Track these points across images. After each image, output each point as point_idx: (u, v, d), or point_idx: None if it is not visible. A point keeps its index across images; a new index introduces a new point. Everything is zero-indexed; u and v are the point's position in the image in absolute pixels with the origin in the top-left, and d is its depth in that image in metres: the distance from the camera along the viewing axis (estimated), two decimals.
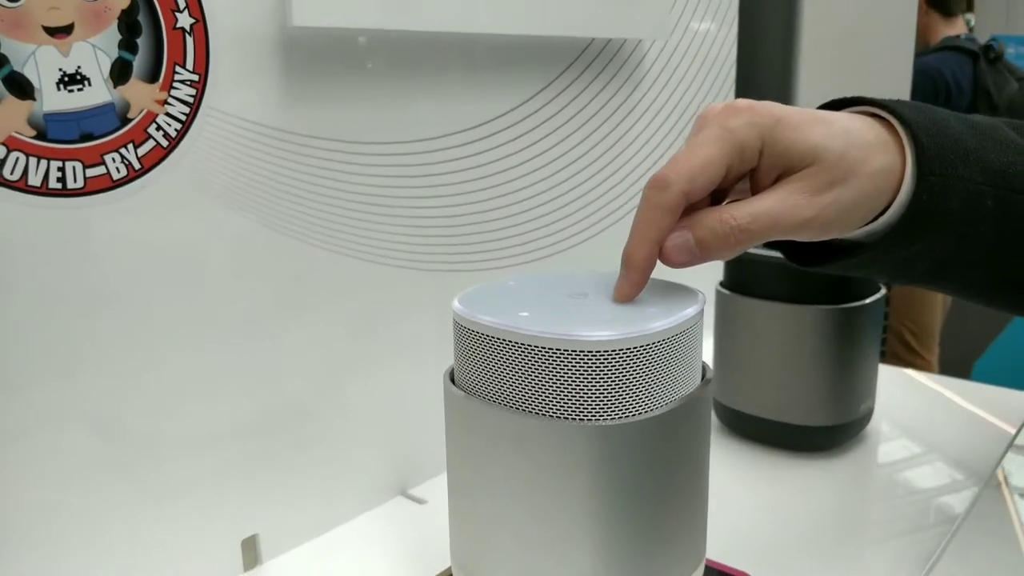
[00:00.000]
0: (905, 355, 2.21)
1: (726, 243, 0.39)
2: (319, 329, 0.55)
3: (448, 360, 0.43)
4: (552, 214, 0.70)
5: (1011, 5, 5.41)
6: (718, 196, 0.43)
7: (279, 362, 0.54)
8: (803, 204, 0.40)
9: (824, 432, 0.67)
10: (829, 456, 0.68)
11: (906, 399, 0.80)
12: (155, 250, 0.46)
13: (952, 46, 2.28)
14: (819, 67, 1.10)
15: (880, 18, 1.30)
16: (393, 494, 0.62)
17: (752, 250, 0.67)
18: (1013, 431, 0.71)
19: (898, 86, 1.40)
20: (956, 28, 2.35)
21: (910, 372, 0.88)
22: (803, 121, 0.40)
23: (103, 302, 0.45)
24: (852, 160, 0.40)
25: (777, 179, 0.41)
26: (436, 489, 0.63)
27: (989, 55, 2.22)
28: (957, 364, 2.36)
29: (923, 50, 2.27)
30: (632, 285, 0.40)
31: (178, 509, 0.49)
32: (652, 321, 0.37)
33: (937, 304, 2.37)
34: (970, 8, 2.53)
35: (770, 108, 0.41)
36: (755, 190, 0.42)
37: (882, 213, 0.42)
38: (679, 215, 0.40)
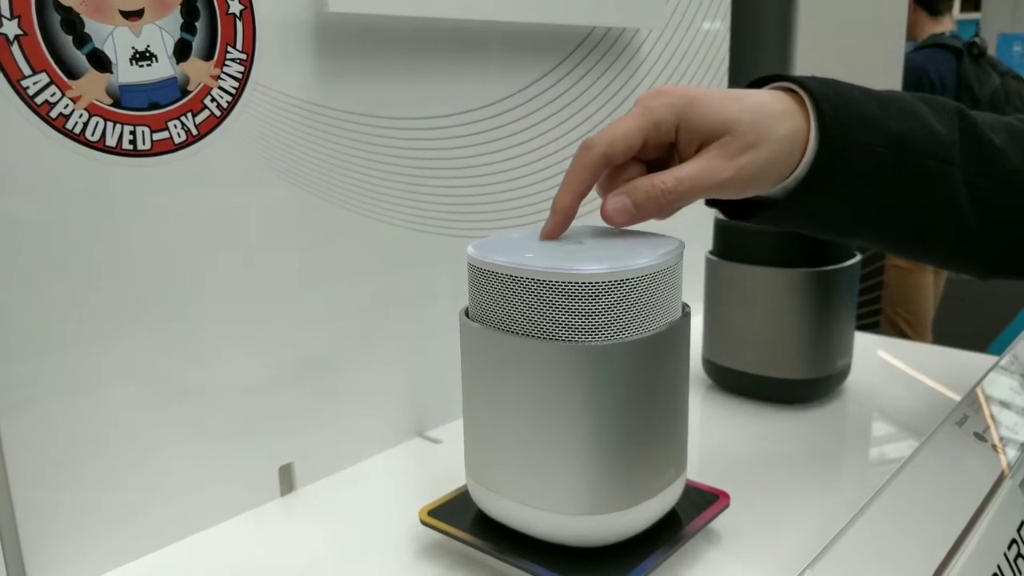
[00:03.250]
0: None
1: (657, 203, 0.47)
2: (346, 287, 0.62)
3: (456, 315, 0.50)
4: (553, 190, 0.76)
5: (1017, 3, 5.44)
6: (656, 169, 0.50)
7: (309, 318, 0.60)
8: (721, 167, 0.47)
9: (804, 385, 0.73)
10: (809, 407, 0.74)
11: (885, 359, 0.87)
12: (205, 209, 0.53)
13: (937, 43, 2.36)
14: (811, 59, 1.16)
15: (871, 13, 1.36)
16: (411, 435, 0.69)
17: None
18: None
19: (889, 80, 1.46)
20: (942, 26, 2.44)
21: (890, 339, 0.94)
22: (716, 99, 0.48)
23: (157, 257, 0.51)
24: (762, 127, 0.47)
25: (698, 149, 0.49)
26: (449, 432, 0.70)
27: (973, 51, 2.30)
28: None
29: (911, 48, 2.36)
30: (555, 226, 0.49)
31: (224, 444, 0.56)
32: (638, 259, 0.44)
33: (929, 294, 2.45)
34: (977, 7, 2.61)
35: (687, 91, 0.49)
36: (680, 161, 0.50)
37: (794, 172, 0.49)
38: (599, 172, 0.48)
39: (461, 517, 0.52)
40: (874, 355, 0.88)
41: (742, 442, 0.68)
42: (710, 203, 0.55)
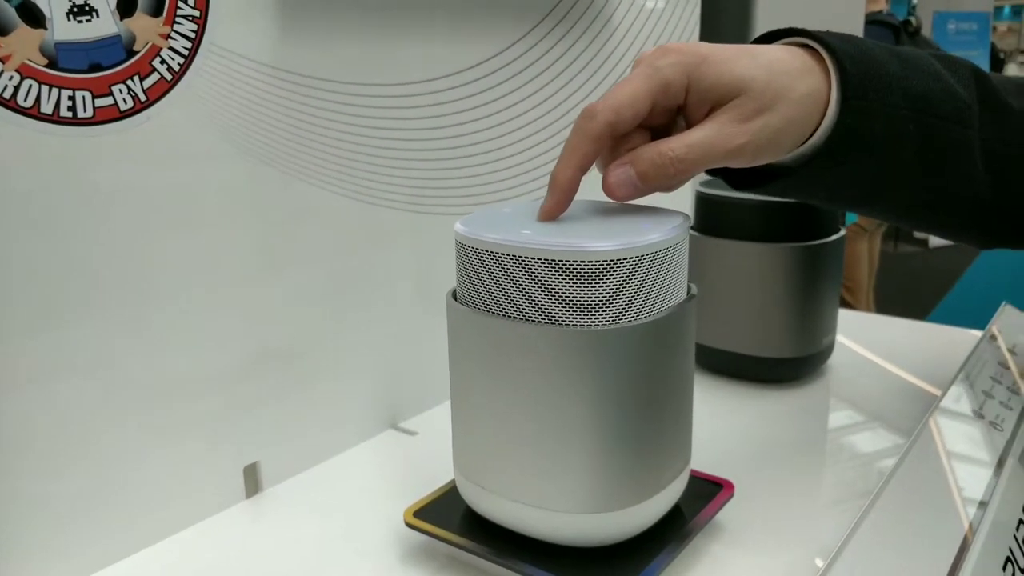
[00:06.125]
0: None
1: (665, 173, 0.42)
2: (309, 269, 0.57)
3: (430, 297, 0.45)
4: (533, 161, 0.72)
5: None
6: (660, 136, 0.45)
7: (271, 303, 0.55)
8: (735, 132, 0.43)
9: (790, 364, 0.71)
10: (795, 387, 0.72)
11: (865, 335, 0.85)
12: (156, 186, 0.47)
13: (876, 20, 2.46)
14: (776, 18, 1.14)
15: None
16: (384, 427, 0.65)
17: (718, 191, 0.71)
18: (959, 364, 0.76)
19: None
20: (878, 4, 2.56)
21: (864, 313, 0.92)
22: (728, 56, 0.43)
23: (102, 239, 0.46)
24: (778, 87, 0.43)
25: (709, 113, 0.44)
26: (425, 422, 0.66)
27: (908, 29, 2.40)
28: None
29: None
30: (556, 204, 0.43)
31: (181, 444, 0.51)
32: (646, 234, 0.40)
33: (865, 261, 2.60)
34: None
35: (696, 47, 0.44)
36: (689, 125, 0.45)
37: (811, 137, 0.45)
38: (604, 143, 0.43)
39: (449, 517, 0.48)
40: (849, 330, 0.87)
41: (732, 425, 0.65)
42: (712, 171, 0.51)
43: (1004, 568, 0.46)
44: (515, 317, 0.41)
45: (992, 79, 0.50)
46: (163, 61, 0.46)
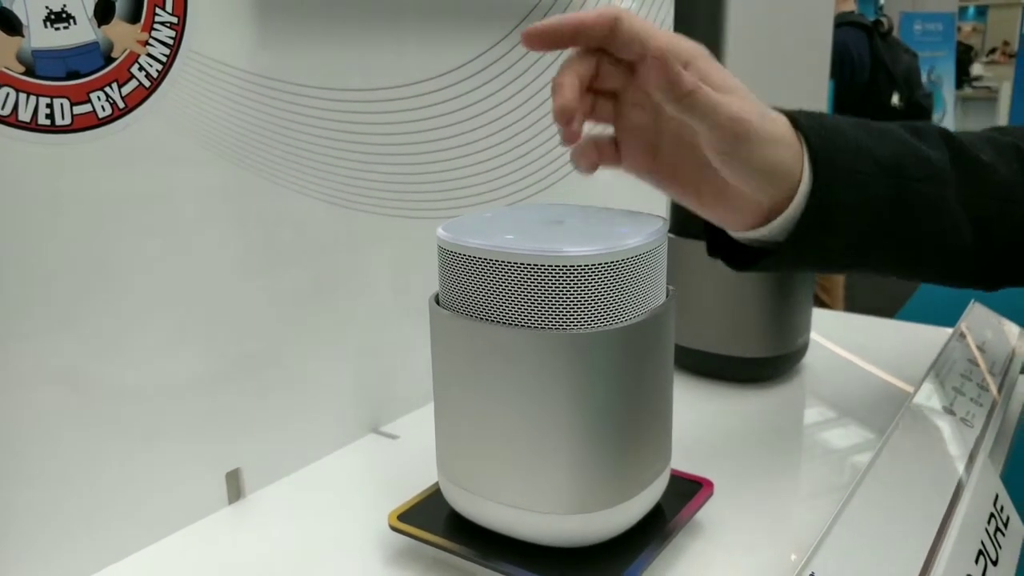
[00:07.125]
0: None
1: (674, 73, 0.41)
2: (288, 274, 0.57)
3: (408, 301, 0.45)
4: (511, 165, 0.73)
5: None
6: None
7: (251, 307, 0.55)
8: (747, 107, 0.44)
9: (765, 363, 0.72)
10: (770, 386, 0.73)
11: (838, 334, 0.87)
12: (134, 192, 0.47)
13: (849, 21, 2.47)
14: (748, 21, 1.15)
15: None
16: (366, 431, 0.65)
17: None
18: (931, 361, 0.78)
19: (819, 55, 1.46)
20: (848, 4, 2.56)
21: (836, 312, 0.94)
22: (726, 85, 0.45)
23: (79, 246, 0.45)
24: (771, 127, 0.45)
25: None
26: (406, 426, 0.66)
27: (880, 30, 2.42)
28: None
29: None
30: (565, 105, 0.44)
31: (161, 450, 0.51)
32: (626, 238, 0.41)
33: None
34: None
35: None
36: None
37: (782, 212, 0.47)
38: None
39: (433, 520, 0.48)
40: (822, 329, 0.88)
41: (709, 424, 0.66)
42: (713, 252, 0.53)
43: (976, 561, 0.47)
44: (498, 321, 0.41)
45: (962, 138, 0.52)
46: (141, 68, 0.46)
